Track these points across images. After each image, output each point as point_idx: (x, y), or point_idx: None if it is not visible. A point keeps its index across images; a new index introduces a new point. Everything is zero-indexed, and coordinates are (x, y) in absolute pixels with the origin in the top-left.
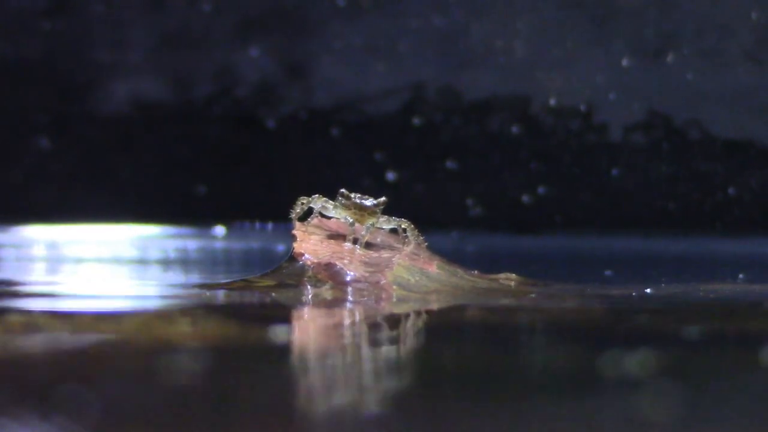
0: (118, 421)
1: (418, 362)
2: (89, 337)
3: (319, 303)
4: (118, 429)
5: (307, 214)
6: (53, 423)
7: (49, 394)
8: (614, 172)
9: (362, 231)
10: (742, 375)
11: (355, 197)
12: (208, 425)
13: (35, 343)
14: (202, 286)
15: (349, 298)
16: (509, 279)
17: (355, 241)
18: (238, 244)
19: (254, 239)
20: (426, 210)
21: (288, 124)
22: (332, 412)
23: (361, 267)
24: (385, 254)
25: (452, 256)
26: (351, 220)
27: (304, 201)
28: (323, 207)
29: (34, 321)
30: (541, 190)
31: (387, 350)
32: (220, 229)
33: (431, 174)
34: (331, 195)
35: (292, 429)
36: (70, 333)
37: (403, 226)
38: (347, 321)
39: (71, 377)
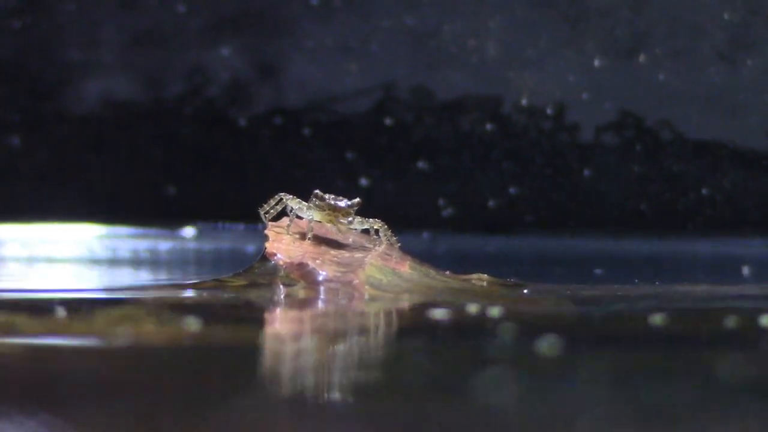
0: (83, 422)
1: (390, 361)
2: (57, 337)
3: (292, 303)
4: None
5: (280, 215)
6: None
7: (11, 394)
8: (586, 172)
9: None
10: (711, 376)
11: (329, 198)
12: (173, 426)
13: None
14: (173, 286)
15: (322, 297)
16: (481, 279)
17: (319, 240)
18: (209, 244)
19: (225, 239)
20: (397, 210)
21: (259, 123)
22: (302, 412)
23: (333, 267)
24: (358, 254)
25: (424, 257)
26: (316, 219)
27: (284, 198)
28: (299, 208)
29: (2, 320)
30: (512, 190)
31: (359, 349)
32: (190, 230)
33: (403, 174)
34: (302, 195)
35: (261, 428)
36: (38, 332)
37: (376, 227)
38: (319, 321)
39: (36, 377)
